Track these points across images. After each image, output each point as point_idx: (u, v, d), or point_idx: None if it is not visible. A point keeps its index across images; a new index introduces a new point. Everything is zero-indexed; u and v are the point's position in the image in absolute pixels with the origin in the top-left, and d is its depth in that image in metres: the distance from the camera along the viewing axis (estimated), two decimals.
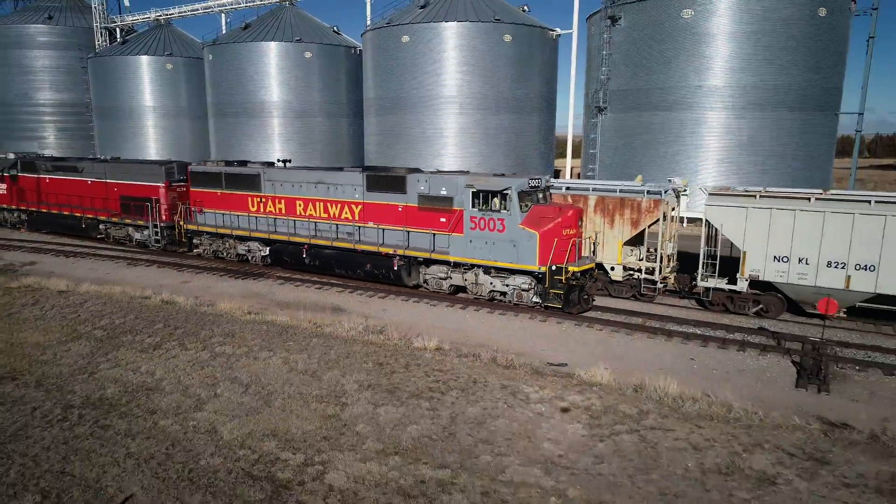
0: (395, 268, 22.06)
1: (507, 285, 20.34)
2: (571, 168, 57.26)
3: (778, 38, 37.51)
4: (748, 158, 38.63)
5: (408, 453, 10.92)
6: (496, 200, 19.66)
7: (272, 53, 55.70)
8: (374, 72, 50.51)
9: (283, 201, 25.19)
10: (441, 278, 21.77)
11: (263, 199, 25.74)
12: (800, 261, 18.72)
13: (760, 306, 19.88)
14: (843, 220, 17.98)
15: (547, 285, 19.17)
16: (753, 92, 38.28)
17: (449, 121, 47.16)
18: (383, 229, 22.40)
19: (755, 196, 19.60)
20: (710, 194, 20.54)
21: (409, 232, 21.79)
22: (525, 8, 51.74)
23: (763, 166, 38.21)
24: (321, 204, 24.06)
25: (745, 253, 19.46)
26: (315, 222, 24.28)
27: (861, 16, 40.76)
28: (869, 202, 18.00)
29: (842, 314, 19.14)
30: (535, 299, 19.91)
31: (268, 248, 26.24)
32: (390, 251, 22.14)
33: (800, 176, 37.87)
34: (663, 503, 9.33)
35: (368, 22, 56.87)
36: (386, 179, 22.35)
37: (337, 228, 23.71)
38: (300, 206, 24.67)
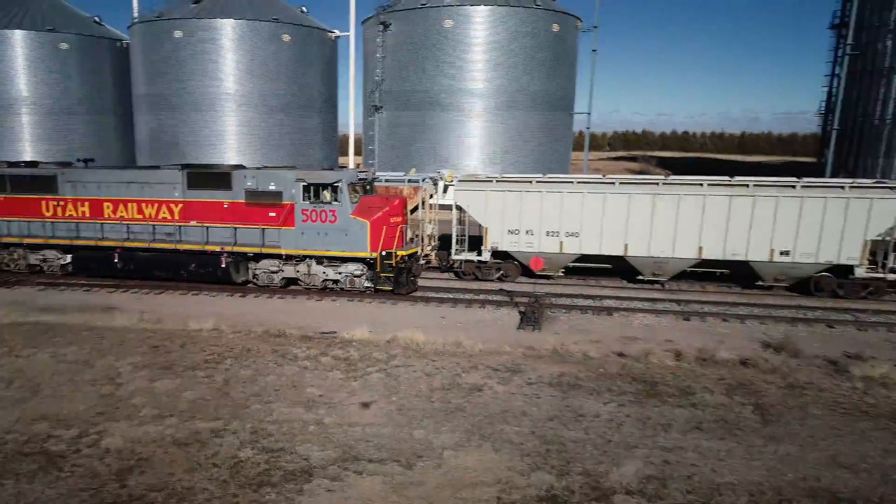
0: (223, 265, 22.05)
1: (340, 273, 21.47)
2: (357, 165, 59.86)
3: (523, 48, 43.69)
4: (504, 151, 44.37)
5: (183, 414, 12.16)
6: (326, 193, 20.77)
7: (18, 43, 50.13)
8: (145, 67, 48.19)
9: (87, 204, 23.32)
10: (272, 272, 22.33)
11: (62, 203, 23.59)
12: (527, 232, 23.00)
13: (502, 272, 23.93)
14: (555, 198, 22.54)
15: (378, 270, 20.75)
16: (507, 93, 44.09)
17: (229, 119, 46.86)
18: (207, 227, 22.13)
19: (492, 181, 23.55)
20: (458, 181, 24.11)
21: (236, 228, 21.88)
22: (303, 9, 53.00)
23: (516, 157, 44.22)
24: (134, 205, 22.80)
25: (486, 229, 23.31)
26: (127, 224, 22.96)
27: (587, 32, 48.83)
28: (572, 182, 22.80)
29: (560, 273, 23.89)
30: (367, 284, 21.38)
31: (69, 256, 24.18)
32: (217, 249, 22.07)
33: (546, 165, 44.48)
34: (399, 414, 11.88)
35: (136, 14, 53.74)
36: (209, 176, 22.21)
37: (154, 229, 22.77)
38: (108, 208, 23.09)
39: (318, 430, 11.41)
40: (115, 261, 23.19)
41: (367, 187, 22.18)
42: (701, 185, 21.61)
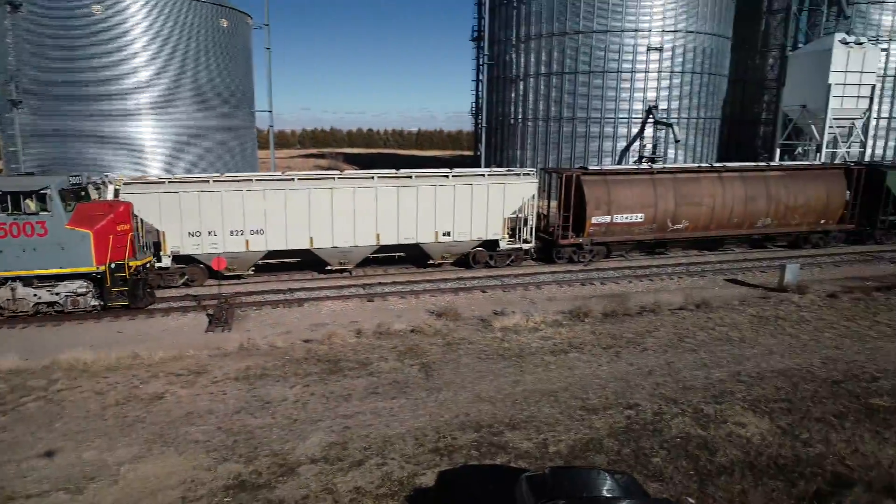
0: None
1: (58, 293, 18.49)
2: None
3: (190, 42, 41.45)
4: (182, 150, 41.79)
5: None
6: (31, 202, 17.38)
7: None
8: None
9: None
10: None
11: None
12: (210, 233, 22.33)
13: (187, 277, 22.82)
14: (235, 197, 22.29)
15: (109, 284, 18.30)
16: (177, 88, 41.38)
17: None
18: None
19: (165, 182, 22.24)
20: (124, 184, 22.17)
21: None
22: None
23: (196, 157, 42.01)
24: None
25: (164, 233, 21.96)
26: None
27: (259, 29, 48.48)
28: (252, 180, 22.86)
29: (251, 271, 23.80)
30: (95, 302, 18.85)
31: None
32: None
33: (231, 164, 43.16)
34: (64, 440, 10.79)
35: None
36: None
37: None
38: None
39: None
40: None
41: (82, 193, 19.49)
42: (372, 178, 23.67)
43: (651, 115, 43.18)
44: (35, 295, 18.69)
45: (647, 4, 42.33)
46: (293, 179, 23.05)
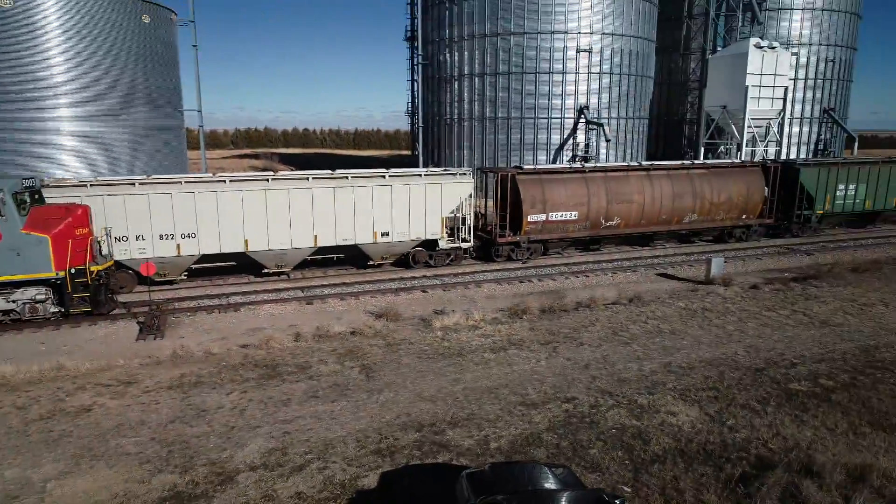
0: None
1: (15, 301, 17.77)
2: None
3: (108, 37, 39.63)
4: (106, 151, 39.94)
5: None
6: None
7: None
8: None
9: None
10: None
11: None
12: (138, 238, 21.47)
13: (115, 283, 21.81)
14: (164, 200, 21.50)
15: (70, 290, 17.76)
16: (98, 87, 39.46)
17: None
18: None
19: (87, 186, 21.22)
20: (42, 187, 20.98)
21: None
22: None
23: (122, 158, 40.23)
24: None
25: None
26: None
27: (184, 26, 46.84)
28: (181, 182, 22.10)
29: (183, 276, 23.02)
30: (54, 309, 18.21)
31: None
32: None
33: (159, 166, 41.54)
34: None
35: None
36: None
37: None
38: None
39: None
40: None
41: (36, 196, 18.47)
42: (307, 178, 23.32)
43: (583, 115, 44.35)
44: None
45: (575, 6, 43.47)
46: (225, 181, 22.43)
